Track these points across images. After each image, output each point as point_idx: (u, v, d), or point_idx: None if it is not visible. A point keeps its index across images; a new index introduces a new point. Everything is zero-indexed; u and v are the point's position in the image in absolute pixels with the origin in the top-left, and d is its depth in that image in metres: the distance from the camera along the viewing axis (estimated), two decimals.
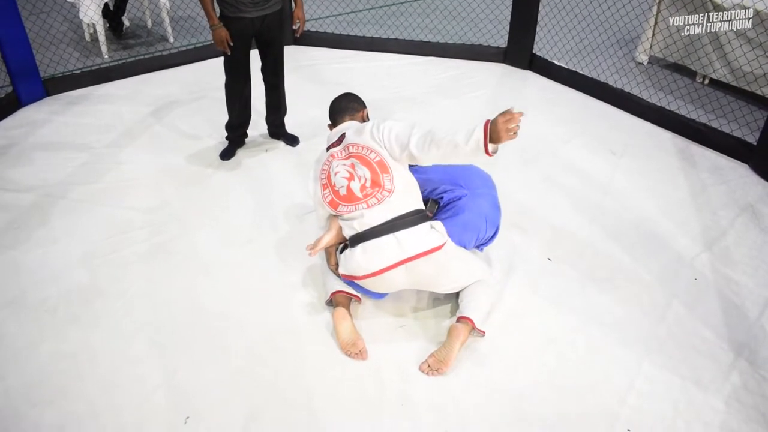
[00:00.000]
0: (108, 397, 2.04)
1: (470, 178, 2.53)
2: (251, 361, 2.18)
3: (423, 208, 2.31)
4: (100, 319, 2.35)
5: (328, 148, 2.44)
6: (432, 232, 2.22)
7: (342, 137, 2.39)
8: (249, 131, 3.56)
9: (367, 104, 2.63)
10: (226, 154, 3.47)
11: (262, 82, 3.42)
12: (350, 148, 2.32)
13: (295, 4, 3.29)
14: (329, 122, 2.60)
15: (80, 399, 2.03)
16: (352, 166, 2.28)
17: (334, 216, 2.36)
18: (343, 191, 2.28)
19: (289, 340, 2.27)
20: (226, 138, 3.52)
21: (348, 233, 2.27)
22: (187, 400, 2.03)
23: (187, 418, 1.97)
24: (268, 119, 3.61)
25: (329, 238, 2.31)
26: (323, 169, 2.38)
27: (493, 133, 2.02)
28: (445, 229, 2.34)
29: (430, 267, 2.20)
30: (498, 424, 1.97)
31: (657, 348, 2.25)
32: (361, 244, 2.20)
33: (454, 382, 2.10)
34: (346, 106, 2.55)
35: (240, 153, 3.52)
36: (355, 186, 2.26)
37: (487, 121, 2.05)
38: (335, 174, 2.31)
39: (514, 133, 1.99)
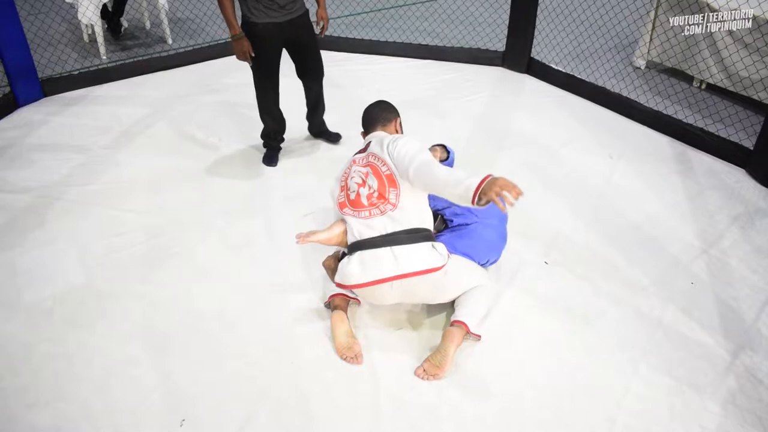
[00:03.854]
0: (104, 399, 2.03)
1: (485, 208, 2.51)
2: (247, 364, 2.17)
3: (428, 228, 2.28)
4: (96, 321, 2.34)
5: (355, 154, 2.46)
6: (432, 252, 2.19)
7: (368, 145, 2.41)
8: (247, 132, 3.55)
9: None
10: (271, 160, 3.41)
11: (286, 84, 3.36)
12: (370, 157, 2.34)
13: (318, 4, 3.26)
14: (362, 130, 2.57)
15: (76, 401, 2.02)
16: (366, 174, 2.30)
17: (340, 220, 2.35)
18: (353, 195, 2.30)
19: (285, 343, 2.27)
20: (264, 145, 3.48)
21: (349, 239, 2.27)
22: (183, 403, 2.02)
23: (183, 420, 1.96)
24: (309, 119, 3.58)
25: (323, 237, 2.30)
26: (345, 172, 2.41)
27: (487, 187, 1.91)
28: (448, 243, 2.36)
29: (424, 287, 2.20)
30: (495, 427, 1.97)
31: (654, 351, 2.25)
32: (358, 253, 2.20)
33: (451, 385, 2.10)
34: (377, 116, 2.52)
35: (238, 155, 3.51)
36: (364, 193, 2.27)
37: (489, 175, 1.94)
38: (351, 178, 2.34)
39: (506, 200, 1.89)
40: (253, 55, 3.00)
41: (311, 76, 3.34)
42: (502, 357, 2.22)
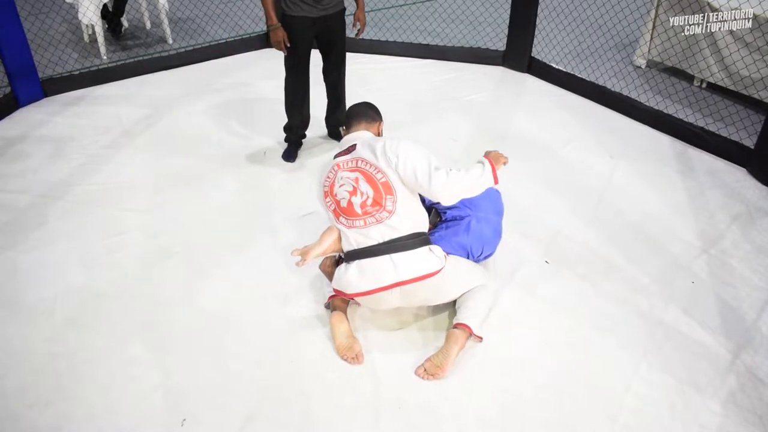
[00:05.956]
0: (105, 399, 2.03)
1: (479, 201, 2.51)
2: (248, 364, 2.17)
3: (424, 230, 2.26)
4: (97, 321, 2.35)
5: (335, 156, 2.36)
6: (430, 255, 2.17)
7: (352, 147, 2.30)
8: (248, 131, 3.55)
9: None
10: (289, 156, 3.45)
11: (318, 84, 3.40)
12: (359, 162, 2.24)
13: (357, 5, 3.29)
14: (343, 126, 2.51)
15: (77, 400, 2.02)
16: (356, 180, 2.20)
17: (329, 229, 2.29)
18: (344, 203, 2.22)
19: (286, 343, 2.27)
20: (285, 140, 3.50)
21: (345, 247, 2.23)
22: (184, 402, 2.02)
23: (184, 420, 1.96)
24: (327, 119, 3.60)
25: (317, 252, 2.23)
26: (328, 177, 2.32)
27: (495, 162, 2.25)
28: (443, 239, 2.36)
29: (425, 291, 2.19)
30: (495, 426, 1.97)
31: (654, 351, 2.25)
32: (356, 262, 2.17)
33: (451, 385, 2.10)
34: (364, 112, 2.47)
35: (239, 155, 3.51)
36: (356, 201, 2.19)
37: (486, 157, 2.26)
38: (340, 186, 2.24)
39: (505, 162, 2.30)
40: (288, 45, 3.08)
41: (332, 75, 3.38)
42: (503, 356, 2.22)
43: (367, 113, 2.47)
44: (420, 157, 2.19)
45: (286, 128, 3.47)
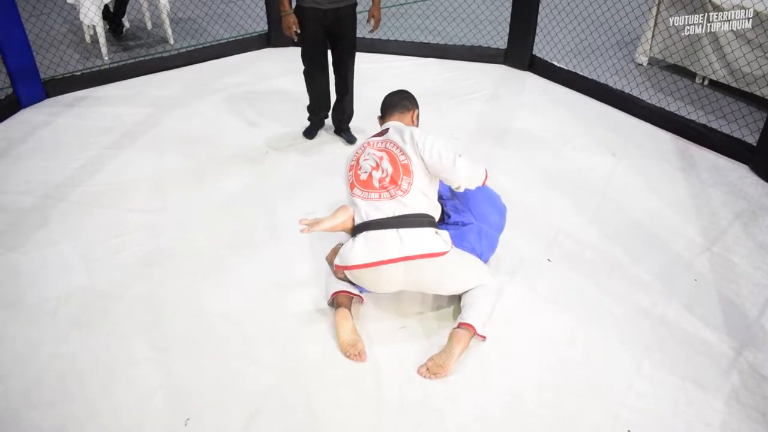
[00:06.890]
0: (108, 399, 2.03)
1: (487, 213, 2.53)
2: (251, 363, 2.18)
3: (435, 216, 2.32)
4: (100, 321, 2.35)
5: (371, 136, 2.51)
6: (436, 237, 2.23)
7: (384, 131, 2.47)
8: (250, 131, 3.55)
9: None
10: (309, 133, 3.66)
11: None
12: (387, 144, 2.39)
13: (373, 2, 3.34)
14: (379, 114, 2.65)
15: (80, 401, 2.03)
16: (381, 158, 2.35)
17: (344, 206, 2.35)
18: (363, 176, 2.35)
19: (288, 342, 2.27)
20: (308, 119, 3.65)
21: (356, 220, 2.30)
22: (187, 402, 2.03)
23: (188, 419, 1.97)
24: (333, 111, 3.65)
25: (328, 225, 2.28)
26: (357, 153, 2.46)
27: None
28: None
29: (429, 271, 2.21)
30: (497, 425, 1.97)
31: (657, 348, 2.25)
32: (363, 234, 2.23)
33: (454, 383, 2.10)
34: (397, 103, 2.61)
35: (240, 155, 3.52)
36: (376, 176, 2.32)
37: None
38: (365, 160, 2.39)
39: None
40: (298, 31, 3.19)
41: (340, 67, 3.44)
42: (505, 355, 2.22)
43: (400, 104, 2.62)
44: (444, 145, 2.36)
45: (308, 108, 3.61)
